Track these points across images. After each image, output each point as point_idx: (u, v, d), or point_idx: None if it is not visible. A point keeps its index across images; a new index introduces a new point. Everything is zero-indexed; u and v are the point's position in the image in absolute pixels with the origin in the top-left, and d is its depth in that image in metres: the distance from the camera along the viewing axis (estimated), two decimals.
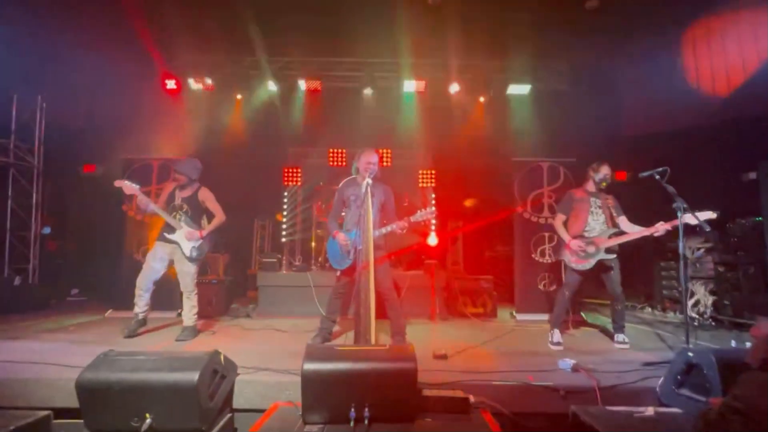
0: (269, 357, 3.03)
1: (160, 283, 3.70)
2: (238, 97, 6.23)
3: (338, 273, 3.47)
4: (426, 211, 3.15)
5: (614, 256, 3.48)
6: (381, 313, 3.10)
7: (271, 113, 6.25)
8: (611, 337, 3.65)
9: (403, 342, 3.25)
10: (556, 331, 3.59)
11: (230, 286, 5.02)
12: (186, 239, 3.57)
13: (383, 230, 3.23)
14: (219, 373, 2.19)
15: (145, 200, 3.50)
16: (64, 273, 3.24)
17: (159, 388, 1.94)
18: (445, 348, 3.16)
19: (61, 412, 2.23)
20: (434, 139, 6.37)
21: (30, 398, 2.37)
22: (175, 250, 3.59)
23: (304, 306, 4.79)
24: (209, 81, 5.92)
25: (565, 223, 3.68)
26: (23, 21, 4.31)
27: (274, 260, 5.28)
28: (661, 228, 3.21)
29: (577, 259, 3.54)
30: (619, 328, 3.54)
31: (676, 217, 3.09)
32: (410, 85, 6.04)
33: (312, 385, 1.98)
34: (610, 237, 3.48)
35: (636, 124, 5.96)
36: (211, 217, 3.73)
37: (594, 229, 3.58)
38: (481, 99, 6.32)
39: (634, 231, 3.44)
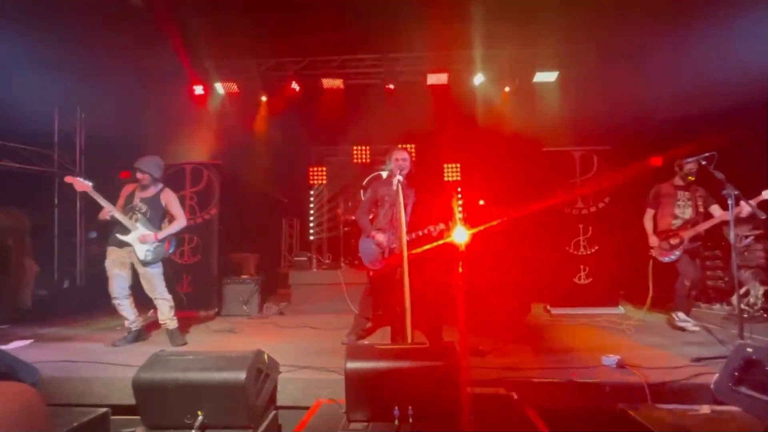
0: (307, 354, 3.10)
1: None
2: (263, 99, 6.33)
3: (370, 272, 3.49)
4: (438, 226, 3.17)
5: (699, 243, 3.61)
6: (415, 313, 3.11)
7: (295, 113, 6.32)
8: (657, 331, 3.59)
9: (441, 340, 3.27)
10: (680, 313, 3.67)
11: (262, 285, 5.14)
12: (140, 242, 3.39)
13: (413, 235, 3.21)
14: (263, 371, 2.25)
15: (100, 199, 3.33)
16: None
17: (209, 386, 2.01)
18: (481, 345, 3.14)
19: (118, 409, 2.36)
20: (459, 132, 6.27)
21: (89, 396, 2.51)
22: (131, 253, 3.42)
23: (336, 303, 4.85)
24: (234, 86, 6.04)
25: (655, 217, 3.84)
26: (61, 37, 4.52)
27: (305, 259, 5.37)
28: (744, 208, 3.11)
29: (663, 252, 3.68)
30: (683, 309, 3.64)
31: (726, 205, 2.96)
32: (433, 78, 5.96)
33: (355, 383, 2.00)
34: (690, 225, 3.59)
35: (673, 106, 5.67)
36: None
37: (680, 221, 3.69)
38: (507, 89, 6.18)
39: (723, 217, 3.49)
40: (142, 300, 3.59)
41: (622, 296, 4.93)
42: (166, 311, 3.49)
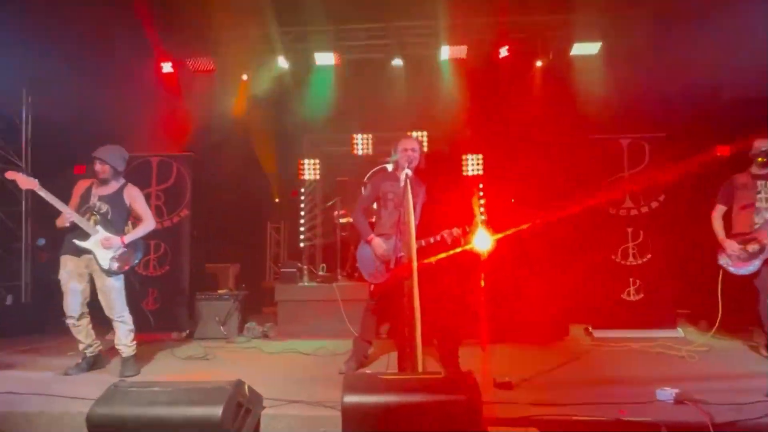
0: (297, 386, 3.10)
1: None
2: (244, 77, 6.37)
3: (371, 286, 3.49)
4: (453, 231, 3.18)
5: None
6: (426, 335, 3.10)
7: (282, 95, 6.36)
8: (726, 360, 3.57)
9: (458, 368, 3.26)
10: None
11: (243, 302, 5.16)
12: (102, 247, 3.38)
13: (422, 243, 3.21)
14: (244, 406, 2.25)
15: (50, 197, 3.30)
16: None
17: (179, 424, 2.01)
18: (509, 375, 3.13)
19: None
20: (481, 117, 6.26)
21: None
22: (90, 261, 3.41)
23: (331, 324, 4.84)
24: (210, 63, 6.09)
25: (727, 216, 3.74)
26: (1, 6, 4.59)
27: (294, 270, 5.38)
28: None
29: (738, 262, 3.55)
30: None
31: None
32: (449, 52, 5.96)
33: (355, 421, 1.99)
34: None
35: (744, 82, 5.60)
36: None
37: (761, 222, 3.56)
38: (539, 63, 6.16)
39: None
40: (101, 319, 3.62)
41: (681, 316, 4.89)
42: (123, 336, 3.50)
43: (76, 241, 3.39)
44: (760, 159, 3.60)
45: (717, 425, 2.33)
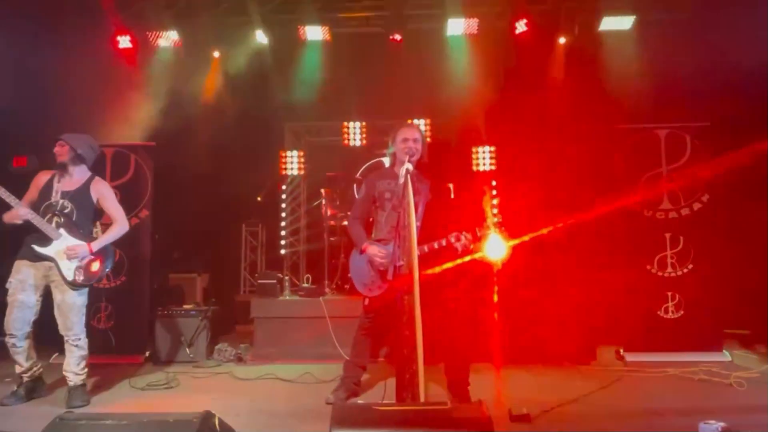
0: (276, 419, 3.11)
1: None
2: (215, 55, 6.36)
3: (366, 300, 3.48)
4: (462, 236, 3.16)
5: None
6: (430, 357, 3.10)
7: (261, 76, 6.34)
8: None
9: (467, 397, 3.25)
10: None
11: (213, 319, 5.13)
12: (66, 256, 3.37)
13: (425, 248, 3.20)
14: None
15: (5, 193, 3.29)
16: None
17: None
18: (526, 406, 3.12)
19: None
20: (493, 103, 6.27)
21: None
22: (51, 271, 3.40)
23: (317, 345, 4.82)
24: (175, 35, 6.06)
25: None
26: None
27: (273, 281, 5.36)
28: None
29: None
30: None
31: None
32: (457, 26, 5.97)
33: None
34: None
35: None
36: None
37: None
38: (562, 40, 6.18)
39: None
40: (45, 338, 3.58)
41: (728, 337, 4.89)
42: (74, 362, 3.47)
43: (36, 247, 3.37)
44: None
45: None
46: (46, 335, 3.55)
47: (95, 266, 3.48)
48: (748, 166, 4.35)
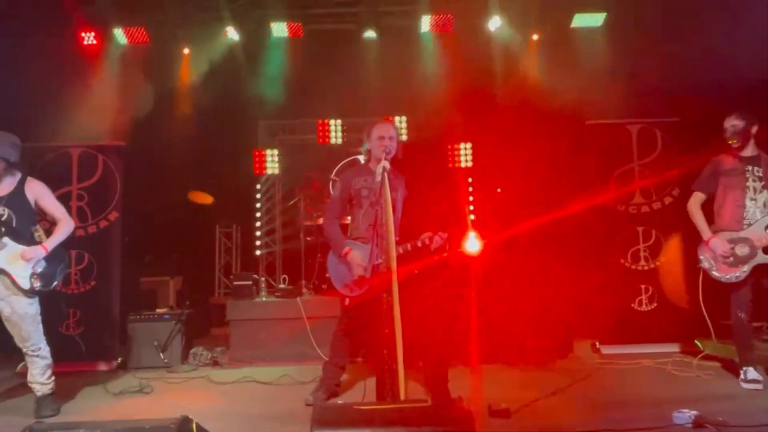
0: (255, 422, 3.10)
1: None
2: (185, 51, 6.26)
3: (345, 300, 3.49)
4: (437, 237, 3.20)
5: None
6: (409, 356, 3.12)
7: (232, 73, 6.27)
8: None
9: (447, 394, 3.27)
10: (749, 369, 3.57)
11: (187, 323, 5.07)
12: (23, 260, 3.25)
13: (408, 246, 3.23)
14: None
15: None
16: None
17: None
18: (505, 401, 3.17)
19: None
20: (469, 100, 6.33)
21: None
22: None
23: (295, 346, 4.82)
24: (143, 32, 5.95)
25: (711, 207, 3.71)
26: None
27: (249, 282, 5.33)
28: None
29: (725, 266, 3.54)
30: None
31: None
32: (431, 23, 6.01)
33: None
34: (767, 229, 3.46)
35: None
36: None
37: (754, 218, 3.53)
38: (535, 37, 6.27)
39: None
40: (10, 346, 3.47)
41: (700, 327, 5.02)
42: (38, 372, 3.38)
43: None
44: (732, 141, 3.60)
45: None
46: (10, 343, 3.44)
47: (50, 270, 3.37)
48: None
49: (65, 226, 3.47)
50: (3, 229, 3.28)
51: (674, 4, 5.69)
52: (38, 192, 3.46)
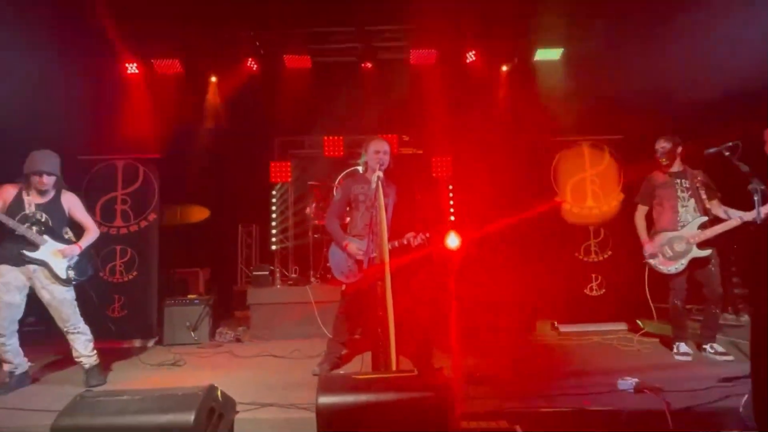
0: (270, 389, 3.09)
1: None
2: (213, 79, 6.25)
3: (343, 287, 3.50)
4: (419, 237, 3.22)
5: (710, 250, 3.54)
6: (399, 337, 3.13)
7: (252, 97, 6.26)
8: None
9: (431, 366, 3.32)
10: (681, 344, 3.65)
11: (215, 307, 5.06)
12: (62, 255, 3.27)
13: (395, 243, 3.24)
14: (217, 411, 2.22)
15: None
16: None
17: None
18: (479, 370, 3.21)
19: None
20: (449, 120, 6.35)
21: None
22: (36, 273, 3.26)
23: (305, 326, 4.82)
24: (177, 64, 5.94)
25: (651, 215, 3.78)
26: None
27: (266, 273, 5.32)
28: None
29: (665, 260, 3.62)
30: (711, 337, 3.62)
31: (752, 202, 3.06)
32: (418, 56, 6.03)
33: (329, 422, 1.99)
34: (700, 228, 3.53)
35: (695, 87, 5.89)
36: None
37: (686, 221, 3.62)
38: (504, 68, 6.30)
39: (732, 217, 3.44)
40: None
41: (641, 309, 5.07)
42: (81, 347, 3.37)
43: (26, 252, 3.21)
44: (663, 160, 3.71)
45: (674, 411, 2.45)
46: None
47: (83, 264, 3.41)
48: (654, 170, 4.55)
49: (93, 232, 3.51)
50: (44, 229, 3.30)
51: (619, 39, 5.75)
52: (72, 202, 3.47)
